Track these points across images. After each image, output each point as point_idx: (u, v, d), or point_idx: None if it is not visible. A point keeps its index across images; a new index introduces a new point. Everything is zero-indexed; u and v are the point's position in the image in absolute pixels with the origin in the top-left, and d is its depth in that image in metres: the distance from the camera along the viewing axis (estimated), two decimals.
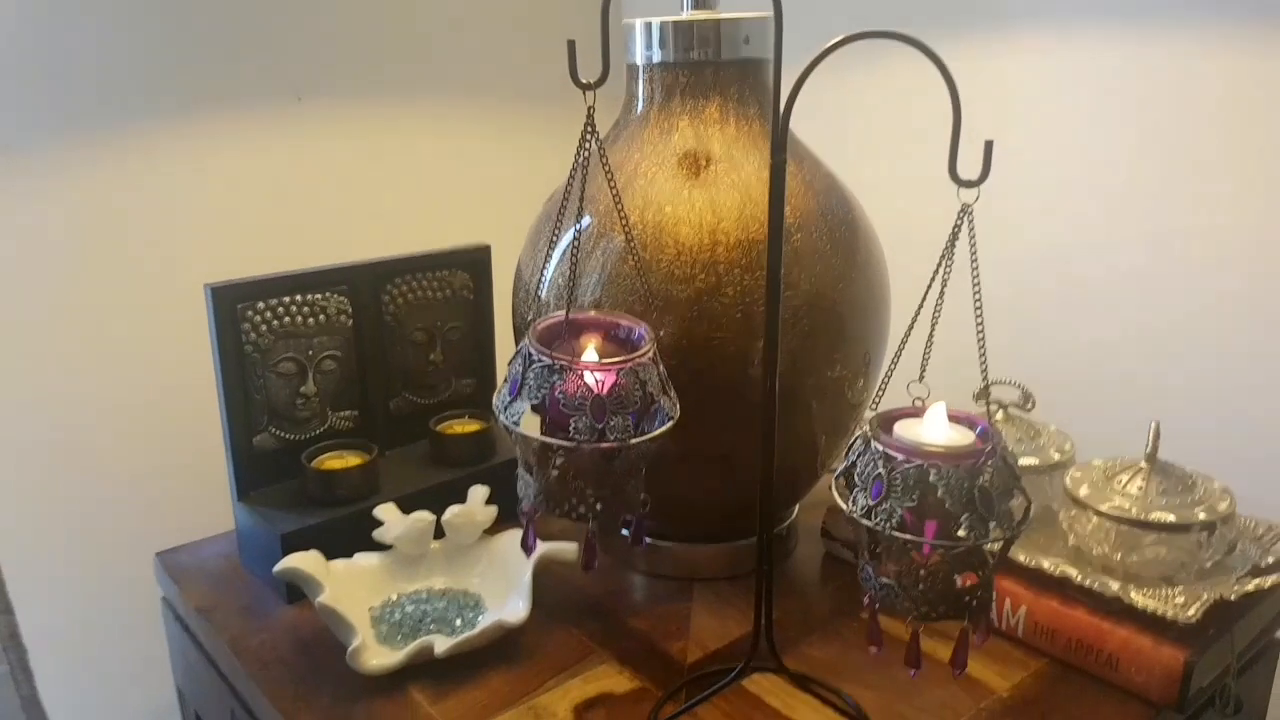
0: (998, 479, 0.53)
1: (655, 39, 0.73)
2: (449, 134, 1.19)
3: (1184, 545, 0.69)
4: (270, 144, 1.06)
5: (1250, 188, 0.87)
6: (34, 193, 0.92)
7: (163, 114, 0.98)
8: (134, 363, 1.00)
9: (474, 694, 0.66)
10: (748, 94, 0.73)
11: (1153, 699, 0.65)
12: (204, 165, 1.01)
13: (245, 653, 0.71)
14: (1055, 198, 1.00)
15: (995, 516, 0.53)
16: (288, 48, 1.05)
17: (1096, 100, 0.96)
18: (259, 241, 1.05)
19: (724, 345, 0.69)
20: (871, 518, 0.53)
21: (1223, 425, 0.92)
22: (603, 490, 0.58)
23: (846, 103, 1.14)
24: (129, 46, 0.95)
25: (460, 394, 0.91)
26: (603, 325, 0.63)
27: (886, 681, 0.67)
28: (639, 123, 0.74)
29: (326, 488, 0.79)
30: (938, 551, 0.54)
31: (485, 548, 0.78)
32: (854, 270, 0.74)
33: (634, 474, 0.60)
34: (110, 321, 0.98)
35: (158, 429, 1.02)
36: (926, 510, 0.53)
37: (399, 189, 1.16)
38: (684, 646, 0.72)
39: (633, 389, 0.57)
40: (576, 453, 0.57)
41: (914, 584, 0.54)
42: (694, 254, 0.69)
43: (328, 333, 0.82)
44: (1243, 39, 0.86)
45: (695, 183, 0.71)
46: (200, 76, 0.99)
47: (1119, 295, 0.97)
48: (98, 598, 1.02)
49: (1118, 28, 0.94)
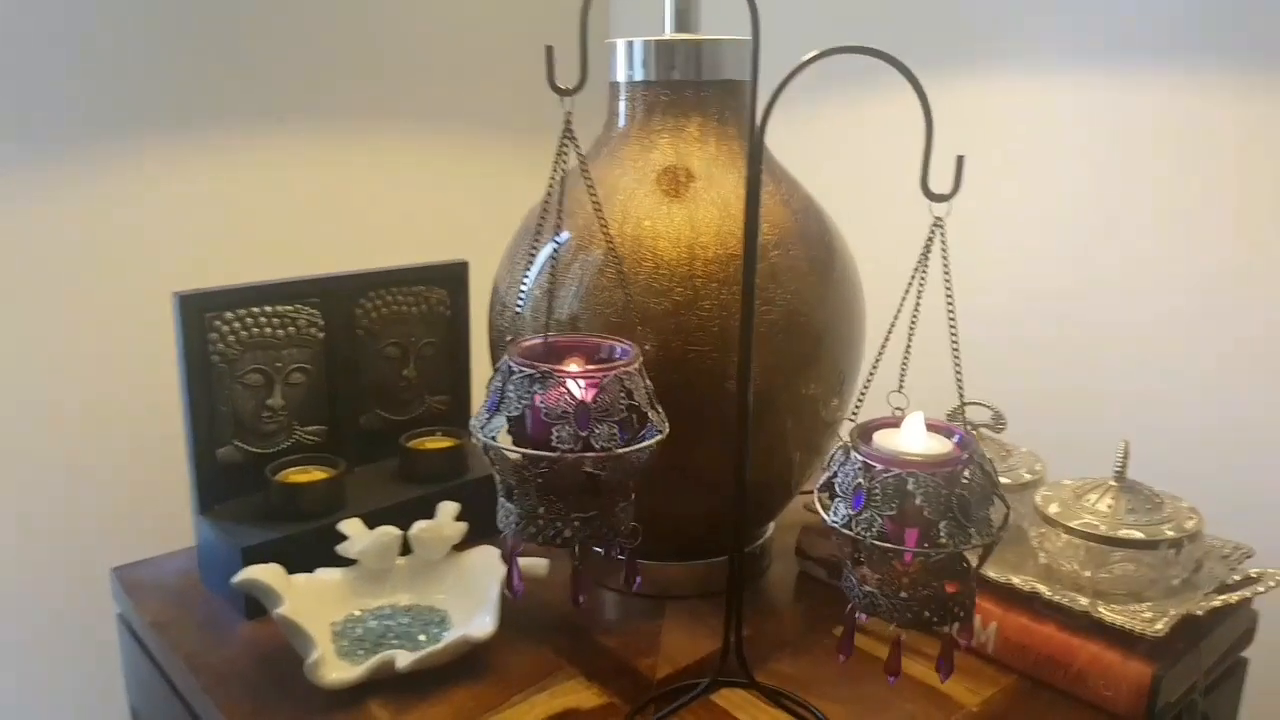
0: (976, 486, 0.54)
1: (637, 59, 0.73)
2: (427, 156, 1.20)
3: (1152, 562, 0.69)
4: (250, 162, 1.06)
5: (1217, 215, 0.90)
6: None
7: (143, 131, 0.98)
8: (96, 372, 0.98)
9: (437, 709, 0.65)
10: (728, 115, 0.74)
11: (1120, 714, 0.65)
12: (177, 180, 1.01)
13: (202, 669, 0.69)
14: (1029, 227, 1.03)
15: (974, 523, 0.53)
16: (271, 70, 1.06)
17: (1070, 133, 0.99)
18: (233, 258, 1.04)
19: (700, 359, 0.69)
20: (852, 527, 0.53)
21: (1190, 449, 0.93)
22: (589, 512, 0.56)
23: (826, 131, 1.16)
24: (112, 65, 0.95)
25: (433, 411, 0.91)
26: (586, 347, 0.61)
27: (856, 696, 0.67)
28: (620, 139, 0.75)
29: (291, 501, 0.78)
30: (919, 559, 0.54)
31: (453, 564, 0.77)
32: (830, 289, 0.74)
33: (622, 495, 0.58)
34: (72, 330, 0.96)
35: (118, 442, 1.00)
36: (907, 519, 0.53)
37: (376, 210, 1.16)
38: (654, 663, 0.71)
39: (618, 398, 0.55)
40: (560, 466, 0.55)
41: (896, 592, 0.54)
42: (672, 268, 0.69)
43: (297, 345, 0.81)
44: (1207, 80, 0.89)
45: (674, 199, 0.71)
46: (182, 96, 1.00)
47: (1093, 321, 0.99)
48: (52, 615, 0.99)
49: (1097, 68, 0.97)
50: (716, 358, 0.69)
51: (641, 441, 0.56)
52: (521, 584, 0.60)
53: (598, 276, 0.70)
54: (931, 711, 0.66)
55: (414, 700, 0.65)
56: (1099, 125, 0.98)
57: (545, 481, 0.55)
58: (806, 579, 0.83)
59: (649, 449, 0.56)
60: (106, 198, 0.98)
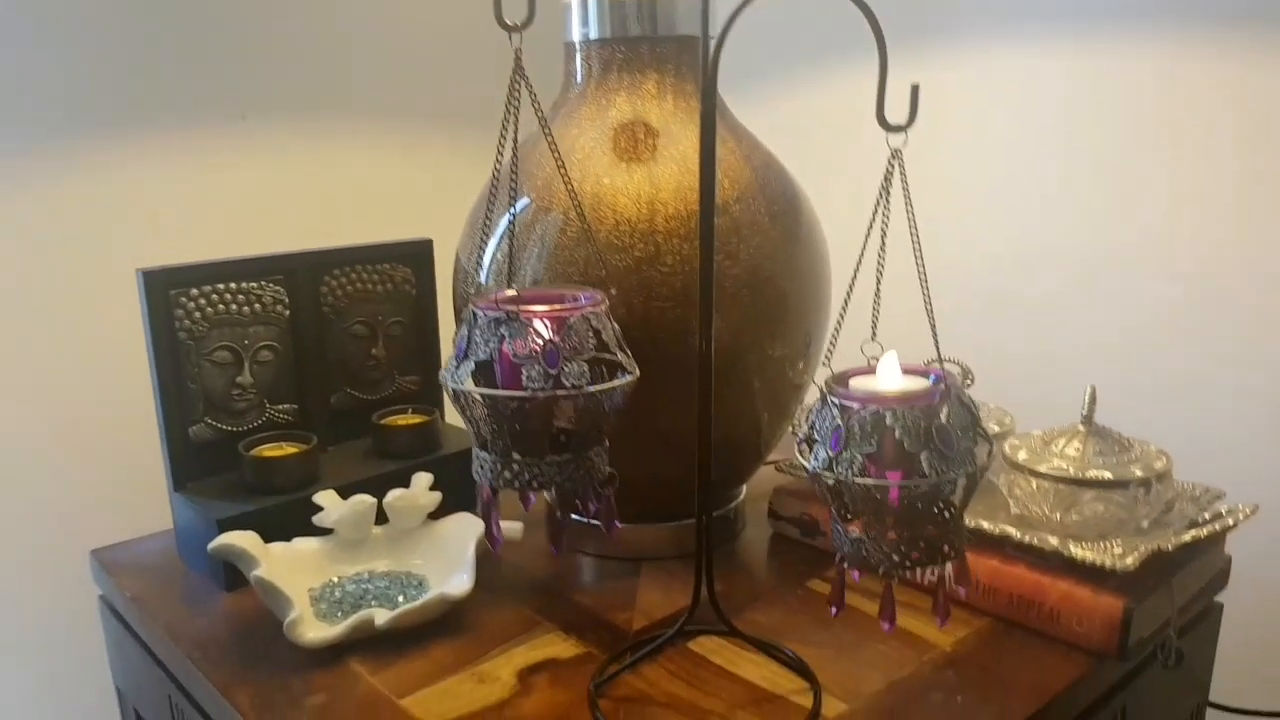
0: (955, 418, 0.54)
1: (592, 15, 0.74)
2: (385, 144, 1.21)
3: (1122, 501, 0.70)
4: (215, 155, 1.07)
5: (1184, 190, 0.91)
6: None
7: (109, 125, 1.00)
8: (65, 355, 0.99)
9: (416, 664, 0.65)
10: (685, 71, 0.75)
11: (1094, 649, 0.66)
12: (144, 169, 1.02)
13: (182, 638, 0.69)
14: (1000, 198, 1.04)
15: (956, 453, 0.53)
16: (233, 68, 1.07)
17: (1030, 101, 1.00)
18: (198, 246, 1.05)
19: (664, 314, 0.70)
20: (833, 469, 0.53)
21: (1160, 402, 0.94)
22: (564, 455, 0.57)
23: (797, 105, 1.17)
24: (81, 61, 0.97)
25: (404, 391, 0.91)
26: (549, 298, 0.60)
27: (830, 641, 0.67)
28: (577, 99, 0.75)
29: (264, 476, 0.78)
30: (904, 498, 0.54)
31: (428, 531, 0.77)
32: (794, 245, 0.75)
33: (596, 441, 0.58)
34: (40, 313, 0.97)
35: (92, 427, 1.00)
36: (887, 459, 0.53)
37: (339, 200, 1.17)
38: (630, 617, 0.71)
39: (586, 337, 0.56)
40: (532, 407, 0.55)
41: (882, 534, 0.54)
42: (633, 224, 0.70)
43: (264, 323, 0.81)
44: (1182, 47, 0.90)
45: (633, 155, 0.72)
46: (147, 91, 1.02)
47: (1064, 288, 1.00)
48: (34, 601, 0.99)
49: (1063, 40, 0.98)
50: (680, 313, 0.70)
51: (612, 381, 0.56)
52: (500, 534, 0.60)
53: (559, 236, 0.71)
54: (905, 652, 0.66)
55: (393, 657, 0.66)
56: (1055, 93, 0.99)
57: (519, 426, 0.55)
58: (780, 540, 0.83)
59: (621, 388, 0.56)
60: (74, 184, 0.99)
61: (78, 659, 1.01)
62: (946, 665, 0.65)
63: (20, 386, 0.97)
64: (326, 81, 1.15)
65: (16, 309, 0.96)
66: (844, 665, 0.65)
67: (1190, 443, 0.81)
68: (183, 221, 1.05)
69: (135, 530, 0.86)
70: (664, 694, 0.62)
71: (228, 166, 1.08)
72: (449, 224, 0.86)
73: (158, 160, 1.03)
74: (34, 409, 0.98)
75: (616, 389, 0.56)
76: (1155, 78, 0.93)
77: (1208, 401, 0.94)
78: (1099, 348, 1.00)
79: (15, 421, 0.98)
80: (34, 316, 0.97)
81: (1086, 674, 0.64)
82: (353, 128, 1.18)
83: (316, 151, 1.15)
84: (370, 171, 1.20)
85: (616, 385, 0.56)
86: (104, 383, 1.01)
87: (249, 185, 1.10)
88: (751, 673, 0.64)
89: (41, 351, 0.98)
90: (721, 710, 0.60)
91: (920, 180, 0.84)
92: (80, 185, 0.99)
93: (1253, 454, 0.92)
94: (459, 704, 0.61)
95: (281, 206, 1.12)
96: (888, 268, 0.57)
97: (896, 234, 0.56)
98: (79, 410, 1.01)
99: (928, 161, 1.07)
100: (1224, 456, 0.91)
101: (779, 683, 0.63)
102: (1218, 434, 0.94)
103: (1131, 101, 0.94)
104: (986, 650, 0.67)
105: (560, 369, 0.54)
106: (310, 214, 1.14)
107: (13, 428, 0.98)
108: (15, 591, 1.00)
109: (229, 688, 0.63)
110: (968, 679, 0.63)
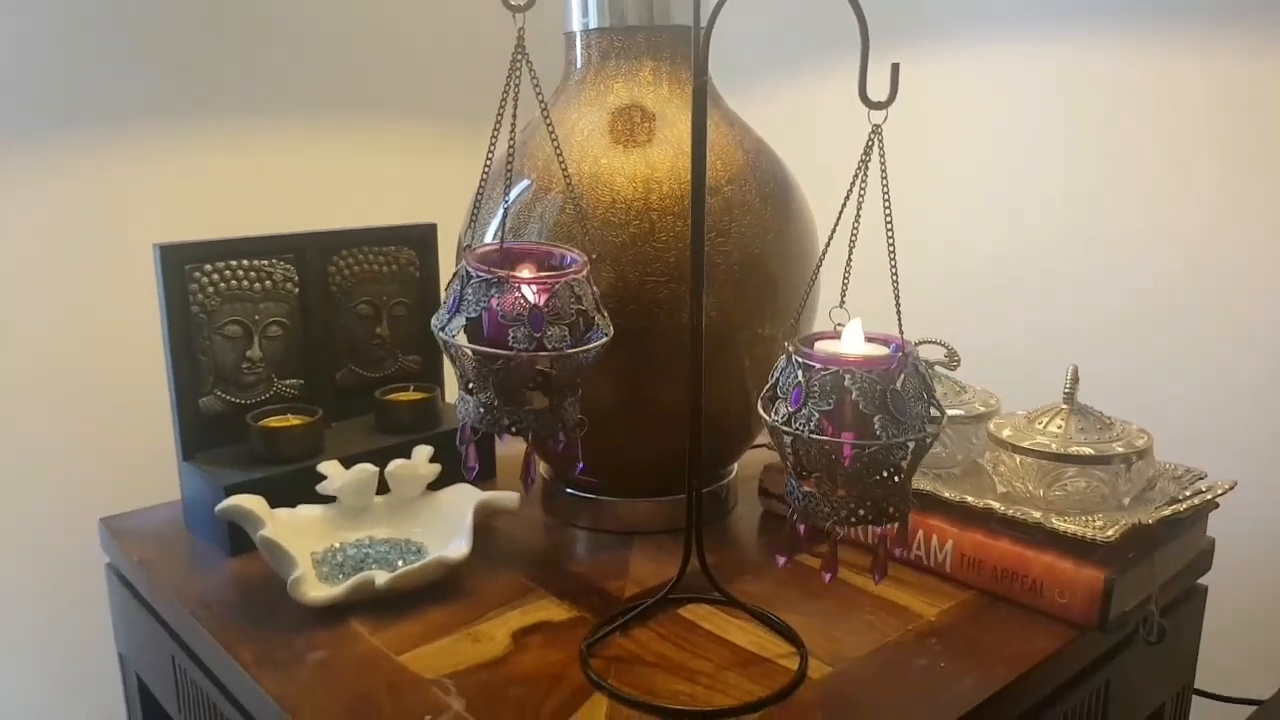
0: (909, 385, 0.56)
1: (592, 6, 0.77)
2: (396, 141, 1.24)
3: (1104, 477, 0.72)
4: (229, 144, 1.10)
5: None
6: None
7: (126, 118, 1.03)
8: (78, 333, 1.02)
9: (414, 625, 0.67)
10: (680, 59, 0.77)
11: (1076, 620, 0.67)
12: (160, 159, 1.05)
13: (189, 599, 0.71)
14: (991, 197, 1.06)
15: (908, 419, 0.55)
16: (254, 64, 1.11)
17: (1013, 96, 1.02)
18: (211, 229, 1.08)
19: (657, 289, 0.72)
20: (791, 424, 0.56)
21: (1144, 389, 0.96)
22: (540, 405, 0.60)
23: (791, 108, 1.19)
24: (111, 55, 1.00)
25: (406, 369, 0.93)
26: (537, 255, 0.64)
27: (817, 610, 0.69)
28: (576, 86, 0.78)
29: (271, 445, 0.80)
30: (856, 458, 0.56)
31: (428, 501, 0.79)
32: (785, 225, 0.77)
33: (571, 391, 0.61)
34: (53, 290, 1.00)
35: (103, 401, 1.04)
36: (845, 421, 0.55)
37: (349, 195, 1.20)
38: (622, 585, 0.73)
39: (568, 302, 0.59)
40: (515, 362, 0.58)
41: (833, 490, 0.56)
42: (629, 202, 0.72)
43: (274, 299, 0.84)
44: (1165, 48, 0.93)
45: (630, 138, 0.74)
46: (165, 87, 1.05)
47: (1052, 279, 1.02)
48: (41, 568, 1.03)
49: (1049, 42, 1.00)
50: (673, 288, 0.72)
51: (589, 343, 0.59)
52: (476, 460, 0.63)
53: (558, 214, 0.73)
54: (889, 620, 0.68)
55: (392, 618, 0.68)
56: (1045, 92, 1.01)
57: (501, 378, 0.58)
58: (770, 518, 0.85)
59: (596, 349, 0.59)
60: (97, 169, 1.02)
61: (83, 628, 1.04)
62: (930, 634, 0.66)
63: (33, 361, 1.00)
64: (337, 77, 1.18)
65: (35, 288, 0.99)
66: (830, 632, 0.66)
67: (1176, 431, 0.83)
68: (198, 205, 1.08)
69: (143, 503, 0.88)
70: (654, 654, 0.64)
71: (241, 153, 1.11)
72: (452, 212, 0.89)
73: (177, 148, 1.07)
74: (45, 384, 1.02)
75: (592, 350, 0.59)
76: (1140, 78, 0.95)
77: (1190, 389, 0.96)
78: (1085, 336, 1.02)
79: (27, 395, 1.01)
80: (50, 294, 1.00)
81: (1068, 644, 0.66)
82: (361, 122, 1.21)
83: (327, 144, 1.18)
84: (377, 163, 1.23)
85: (592, 348, 0.59)
86: (115, 358, 1.04)
87: (262, 173, 1.13)
88: (740, 638, 0.66)
89: (58, 333, 1.01)
90: (710, 670, 0.62)
91: (915, 177, 0.86)
92: (103, 170, 1.02)
93: (1236, 441, 0.94)
94: (455, 660, 0.63)
95: (293, 193, 1.15)
96: (879, 255, 0.59)
97: (880, 224, 0.58)
98: (93, 389, 1.04)
99: (922, 160, 1.10)
100: (1207, 443, 0.93)
101: (766, 646, 0.65)
102: (1202, 421, 0.95)
103: (1117, 102, 0.97)
104: (970, 621, 0.68)
105: (544, 332, 0.56)
106: (320, 201, 1.17)
107: (26, 403, 1.01)
108: (25, 562, 1.02)
109: (232, 644, 0.65)
110: (951, 647, 0.65)
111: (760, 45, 1.22)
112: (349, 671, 0.62)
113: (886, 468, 0.57)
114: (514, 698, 0.59)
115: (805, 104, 1.20)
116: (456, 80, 1.28)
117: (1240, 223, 0.91)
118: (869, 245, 0.60)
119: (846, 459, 0.56)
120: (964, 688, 0.60)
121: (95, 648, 1.04)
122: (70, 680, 1.07)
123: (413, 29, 1.24)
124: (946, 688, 0.60)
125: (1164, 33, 0.93)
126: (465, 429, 0.62)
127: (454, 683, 0.61)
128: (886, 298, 0.58)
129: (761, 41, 1.22)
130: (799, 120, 1.19)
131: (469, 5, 1.27)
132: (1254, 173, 0.90)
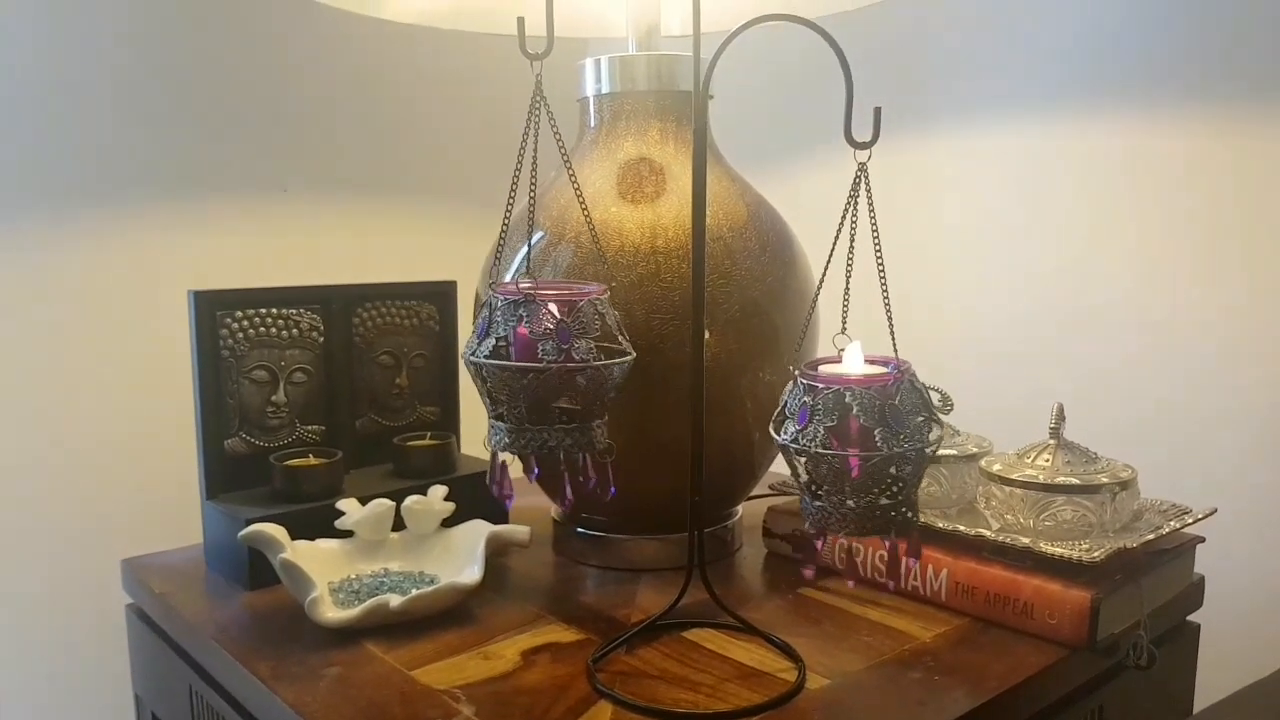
0: (907, 400, 0.60)
1: (604, 74, 0.83)
2: (412, 221, 1.31)
3: (1090, 506, 0.75)
4: (262, 219, 1.18)
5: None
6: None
7: (177, 190, 1.12)
8: (110, 376, 1.08)
9: (427, 646, 0.70)
10: (685, 120, 0.83)
11: (1065, 640, 0.69)
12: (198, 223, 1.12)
13: (207, 625, 0.74)
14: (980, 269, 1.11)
15: (907, 431, 0.59)
16: (274, 143, 1.18)
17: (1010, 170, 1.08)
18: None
19: (663, 325, 0.77)
20: (799, 441, 0.59)
21: (1134, 435, 0.99)
22: (571, 422, 0.64)
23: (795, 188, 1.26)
24: (140, 134, 1.09)
25: (424, 419, 0.97)
26: (558, 287, 0.68)
27: (816, 632, 0.72)
28: (589, 144, 0.84)
29: (292, 483, 0.83)
30: (863, 469, 0.60)
31: (441, 537, 0.82)
32: (785, 272, 0.82)
33: (598, 412, 0.65)
34: (88, 334, 1.07)
35: (128, 442, 1.09)
36: (849, 436, 0.59)
37: (372, 264, 1.26)
38: (629, 613, 0.76)
39: (593, 318, 0.63)
40: (546, 378, 0.62)
41: (842, 503, 0.60)
42: (636, 246, 0.77)
43: (299, 346, 0.88)
44: (1147, 122, 0.99)
45: (638, 189, 0.80)
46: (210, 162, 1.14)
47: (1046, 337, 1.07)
48: (61, 611, 1.06)
49: (1033, 116, 1.07)
50: (677, 325, 0.77)
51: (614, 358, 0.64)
52: (513, 491, 0.67)
53: (571, 259, 0.78)
54: (886, 642, 0.70)
55: (405, 640, 0.70)
56: (1037, 162, 1.07)
57: (532, 394, 0.62)
58: (774, 558, 0.88)
59: (623, 365, 0.63)
60: (139, 231, 1.10)
61: (97, 665, 1.08)
62: (925, 654, 0.69)
63: (62, 404, 1.06)
64: (363, 157, 1.26)
65: (72, 334, 1.06)
66: (829, 651, 0.69)
67: (1164, 474, 0.86)
68: (231, 273, 1.15)
69: (164, 546, 0.91)
70: (657, 669, 0.66)
71: (274, 235, 1.19)
72: (469, 274, 0.95)
73: (213, 221, 1.15)
74: (75, 423, 1.07)
75: (617, 365, 0.64)
76: (1123, 149, 1.01)
77: (1177, 434, 0.99)
78: (1076, 388, 1.06)
79: (56, 433, 1.06)
80: (86, 338, 1.07)
81: (1059, 661, 0.68)
82: (384, 201, 1.29)
83: (350, 215, 1.26)
84: (399, 236, 1.30)
85: (618, 362, 0.64)
86: (143, 400, 1.10)
87: (290, 243, 1.20)
88: (741, 655, 0.68)
89: (87, 371, 1.08)
90: (711, 683, 0.65)
91: (922, 253, 0.91)
92: (146, 233, 1.10)
93: (1220, 483, 0.97)
94: (465, 674, 0.66)
95: (319, 259, 1.22)
96: (874, 295, 0.64)
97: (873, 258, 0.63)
98: (118, 426, 1.09)
99: (924, 237, 1.15)
100: (1193, 481, 0.96)
101: (766, 662, 0.67)
102: (1193, 465, 0.98)
103: (1103, 171, 1.02)
104: (964, 642, 0.71)
105: (571, 345, 0.61)
106: (345, 263, 1.25)
107: (53, 438, 1.06)
108: (44, 598, 1.06)
109: (249, 660, 0.68)
110: (944, 664, 0.67)
111: (761, 130, 1.30)
112: (363, 684, 0.65)
113: (890, 478, 0.60)
114: (522, 705, 0.62)
115: (804, 179, 1.27)
116: (475, 165, 1.36)
117: (1223, 287, 0.96)
118: (863, 286, 0.65)
119: (853, 470, 0.59)
120: (957, 696, 0.63)
121: (112, 694, 1.05)
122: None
123: (436, 116, 1.32)
124: (940, 697, 0.63)
125: (1148, 110, 0.99)
126: (496, 463, 0.65)
127: (464, 693, 0.63)
128: (883, 328, 0.63)
129: (763, 124, 1.30)
130: (797, 195, 1.25)
131: (483, 94, 1.36)
132: (1232, 238, 0.95)
